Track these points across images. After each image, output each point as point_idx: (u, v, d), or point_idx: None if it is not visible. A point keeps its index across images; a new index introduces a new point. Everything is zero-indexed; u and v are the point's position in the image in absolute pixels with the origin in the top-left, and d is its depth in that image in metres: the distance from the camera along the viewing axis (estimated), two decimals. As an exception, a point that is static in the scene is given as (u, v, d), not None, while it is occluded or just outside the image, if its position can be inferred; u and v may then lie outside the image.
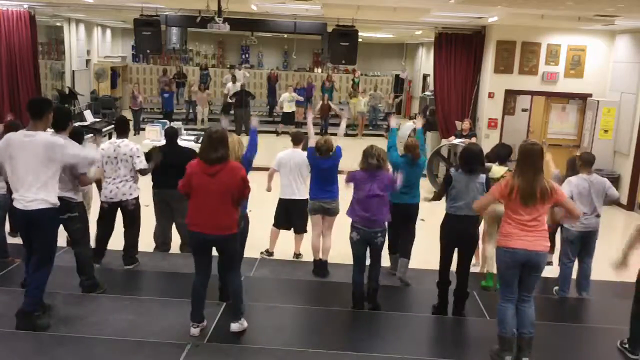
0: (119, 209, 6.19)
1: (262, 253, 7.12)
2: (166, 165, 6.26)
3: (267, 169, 7.19)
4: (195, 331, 4.57)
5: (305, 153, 6.62)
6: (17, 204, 4.41)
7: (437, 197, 5.51)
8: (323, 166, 6.31)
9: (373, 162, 5.24)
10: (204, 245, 4.53)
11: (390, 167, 5.67)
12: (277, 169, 6.90)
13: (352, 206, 5.34)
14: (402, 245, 6.37)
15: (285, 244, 7.28)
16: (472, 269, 6.41)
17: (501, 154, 6.47)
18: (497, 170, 6.21)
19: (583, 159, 5.90)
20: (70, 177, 4.95)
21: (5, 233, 6.35)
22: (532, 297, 4.42)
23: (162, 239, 6.98)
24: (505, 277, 4.39)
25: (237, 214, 4.58)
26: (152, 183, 6.73)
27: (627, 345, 4.64)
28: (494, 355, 4.44)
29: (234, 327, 4.63)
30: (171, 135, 6.83)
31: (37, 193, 4.36)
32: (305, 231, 6.93)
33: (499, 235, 4.40)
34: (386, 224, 5.40)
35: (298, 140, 6.99)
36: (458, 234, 5.21)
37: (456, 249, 5.32)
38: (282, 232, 7.21)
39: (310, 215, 6.57)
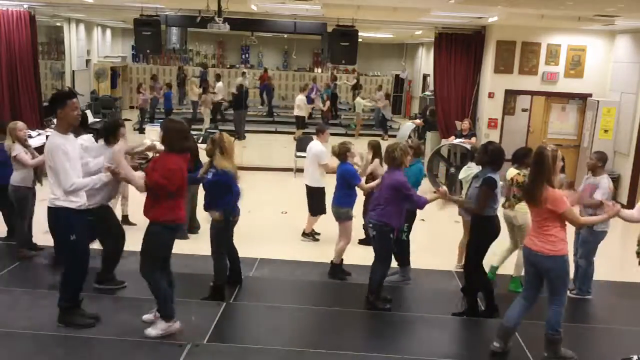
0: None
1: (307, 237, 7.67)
2: None
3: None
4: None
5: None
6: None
7: (484, 204, 5.11)
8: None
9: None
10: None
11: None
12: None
13: (401, 215, 5.30)
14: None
15: (284, 244, 7.32)
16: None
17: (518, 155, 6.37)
18: (511, 172, 6.14)
19: (600, 159, 5.98)
20: None
21: (25, 227, 6.22)
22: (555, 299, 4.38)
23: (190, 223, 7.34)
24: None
25: None
26: None
27: None
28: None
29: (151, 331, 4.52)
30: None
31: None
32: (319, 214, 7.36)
33: (563, 244, 4.25)
34: None
35: (321, 131, 7.62)
36: (498, 232, 5.25)
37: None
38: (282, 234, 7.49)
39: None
